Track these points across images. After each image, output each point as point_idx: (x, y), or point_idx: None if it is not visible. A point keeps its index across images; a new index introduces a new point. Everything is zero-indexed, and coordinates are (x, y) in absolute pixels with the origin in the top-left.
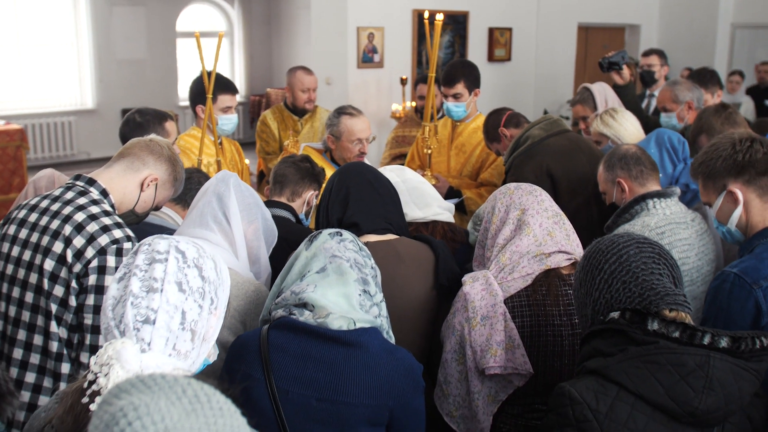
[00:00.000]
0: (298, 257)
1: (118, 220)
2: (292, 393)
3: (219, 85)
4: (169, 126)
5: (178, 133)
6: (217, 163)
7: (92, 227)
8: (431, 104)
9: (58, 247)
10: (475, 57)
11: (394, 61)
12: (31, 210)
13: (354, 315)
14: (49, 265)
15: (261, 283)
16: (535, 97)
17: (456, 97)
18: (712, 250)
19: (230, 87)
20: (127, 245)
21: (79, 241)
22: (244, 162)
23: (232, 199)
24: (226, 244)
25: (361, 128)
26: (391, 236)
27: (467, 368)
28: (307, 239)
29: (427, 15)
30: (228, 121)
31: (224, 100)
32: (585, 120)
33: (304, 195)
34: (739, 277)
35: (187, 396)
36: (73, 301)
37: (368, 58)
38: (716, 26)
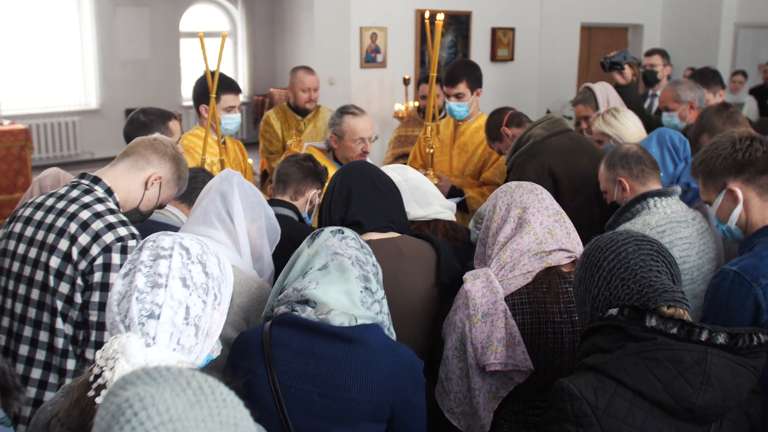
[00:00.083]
0: (300, 255)
1: (123, 218)
2: (295, 388)
3: (222, 84)
4: (173, 125)
5: (181, 133)
6: (221, 163)
7: (97, 225)
8: (433, 104)
9: (64, 245)
10: (478, 57)
11: (397, 61)
12: (37, 208)
13: (355, 312)
14: (55, 262)
15: (264, 280)
16: (538, 97)
17: (458, 96)
18: (713, 249)
19: (233, 87)
20: (132, 243)
21: (84, 239)
22: (248, 161)
23: (236, 197)
24: (229, 242)
25: (364, 127)
26: (393, 234)
27: (468, 365)
28: (309, 237)
29: (427, 15)
30: (231, 121)
31: (227, 99)
32: (587, 119)
33: (307, 194)
34: (739, 275)
35: (192, 388)
36: (78, 298)
37: (371, 58)
38: (719, 26)
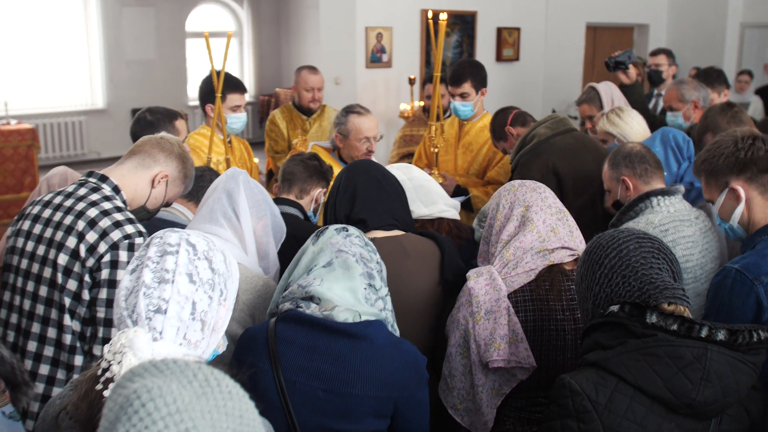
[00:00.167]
0: (305, 252)
1: (130, 215)
2: (299, 384)
3: (228, 84)
4: (180, 124)
5: (188, 132)
6: (227, 162)
7: (105, 223)
8: (437, 104)
9: (72, 242)
10: (484, 57)
11: (402, 61)
12: (45, 206)
13: (359, 308)
14: (63, 259)
15: (269, 277)
16: (543, 97)
17: (463, 96)
18: (716, 248)
19: (239, 86)
20: (139, 240)
21: (92, 236)
22: (253, 160)
23: (242, 195)
24: (235, 240)
25: (369, 127)
26: (397, 232)
27: (471, 362)
28: (314, 234)
29: (431, 15)
30: (237, 120)
31: (233, 99)
32: (591, 119)
33: (312, 192)
34: (741, 272)
35: (198, 380)
36: (86, 295)
37: (377, 57)
38: (725, 26)
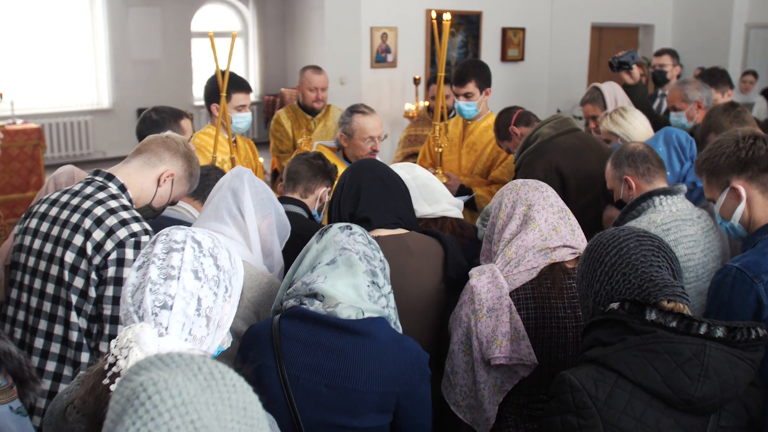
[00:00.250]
0: (309, 250)
1: (136, 214)
2: (303, 380)
3: (233, 83)
4: (185, 124)
5: (193, 131)
6: (231, 161)
7: (111, 221)
8: (441, 104)
9: (79, 240)
10: (489, 57)
11: (407, 61)
12: (52, 204)
13: (362, 305)
14: (70, 257)
15: (274, 275)
16: (548, 97)
17: (467, 96)
18: (718, 247)
19: (244, 86)
20: (145, 238)
21: (98, 234)
22: (258, 160)
23: (247, 194)
24: (240, 238)
25: (373, 126)
26: (401, 231)
27: (473, 359)
28: (318, 232)
29: (434, 15)
30: (242, 119)
31: (238, 98)
32: (595, 119)
33: (317, 191)
34: (741, 271)
35: (203, 373)
36: (92, 292)
37: (381, 57)
38: (730, 26)
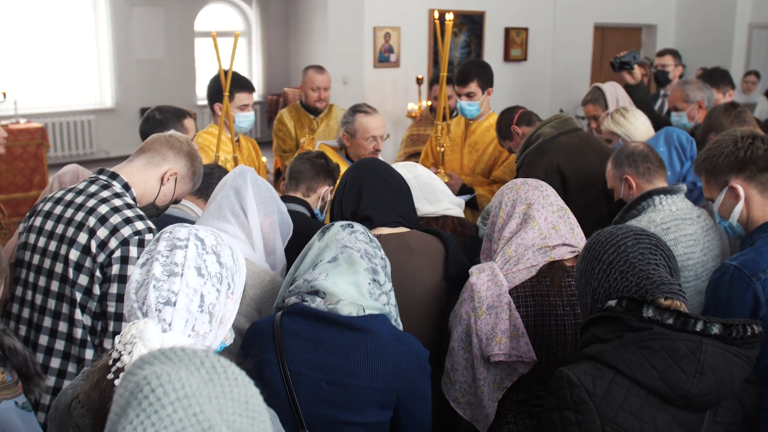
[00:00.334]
0: (311, 247)
1: (140, 212)
2: (304, 375)
3: (236, 83)
4: (188, 123)
5: (196, 131)
6: (234, 160)
7: (115, 219)
8: (443, 104)
9: (83, 238)
10: (491, 57)
11: (410, 61)
12: (57, 203)
13: (363, 302)
14: (74, 255)
15: (276, 273)
16: (551, 97)
17: (469, 96)
18: (718, 246)
19: (247, 85)
20: (149, 236)
21: (102, 233)
22: (261, 159)
23: (249, 192)
24: (243, 236)
25: (376, 126)
26: (402, 229)
27: (473, 356)
28: (320, 231)
29: (437, 15)
30: (245, 119)
31: (241, 98)
32: (596, 119)
33: (319, 190)
34: (739, 269)
35: (205, 367)
36: (96, 290)
37: (384, 57)
38: (733, 26)
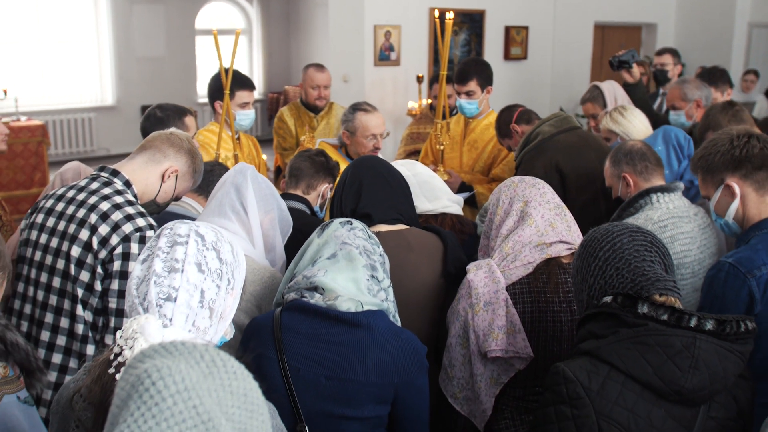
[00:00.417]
0: (310, 244)
1: (141, 209)
2: (303, 371)
3: (237, 81)
4: (189, 121)
5: (197, 129)
6: (235, 158)
7: (117, 216)
8: (443, 102)
9: (84, 235)
10: (492, 55)
11: (410, 59)
12: (58, 200)
13: (362, 298)
14: (76, 251)
15: (276, 269)
16: (551, 96)
17: (469, 94)
18: (714, 244)
19: (247, 83)
20: (150, 233)
21: (104, 229)
22: (262, 157)
23: (250, 190)
24: (243, 233)
25: (376, 124)
26: (401, 226)
27: (470, 352)
28: (319, 227)
29: (437, 13)
30: (245, 117)
31: (242, 96)
32: (595, 117)
33: (319, 188)
34: (734, 266)
35: (205, 360)
36: (98, 286)
37: (385, 56)
38: (733, 25)
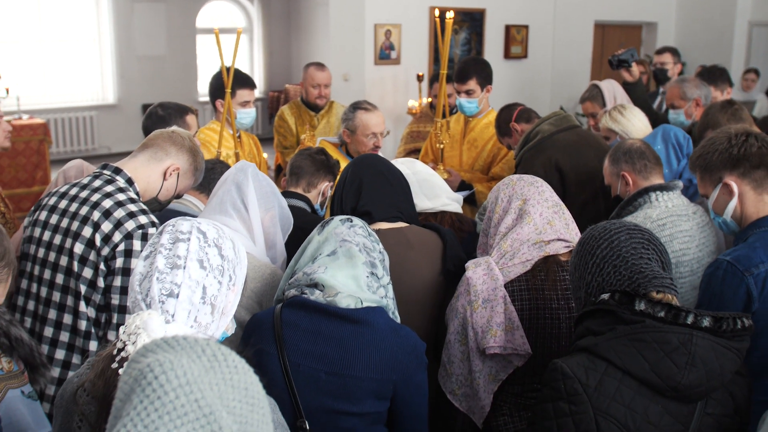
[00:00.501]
0: (310, 241)
1: (143, 206)
2: (303, 366)
3: (237, 80)
4: (190, 119)
5: (198, 127)
6: (236, 156)
7: (119, 213)
8: (443, 101)
9: (87, 232)
10: (492, 54)
11: (410, 58)
12: (61, 197)
13: (361, 295)
14: (79, 248)
15: (277, 266)
16: (551, 95)
17: (468, 93)
18: (713, 242)
19: (248, 82)
20: (152, 230)
21: (107, 226)
22: (262, 155)
23: (250, 187)
24: (244, 230)
25: (376, 122)
26: (401, 224)
27: (469, 349)
28: (319, 225)
29: (437, 12)
30: (246, 115)
31: (243, 94)
32: (594, 116)
33: (320, 186)
34: (732, 264)
35: (206, 355)
36: (101, 282)
37: (385, 54)
38: (733, 24)
